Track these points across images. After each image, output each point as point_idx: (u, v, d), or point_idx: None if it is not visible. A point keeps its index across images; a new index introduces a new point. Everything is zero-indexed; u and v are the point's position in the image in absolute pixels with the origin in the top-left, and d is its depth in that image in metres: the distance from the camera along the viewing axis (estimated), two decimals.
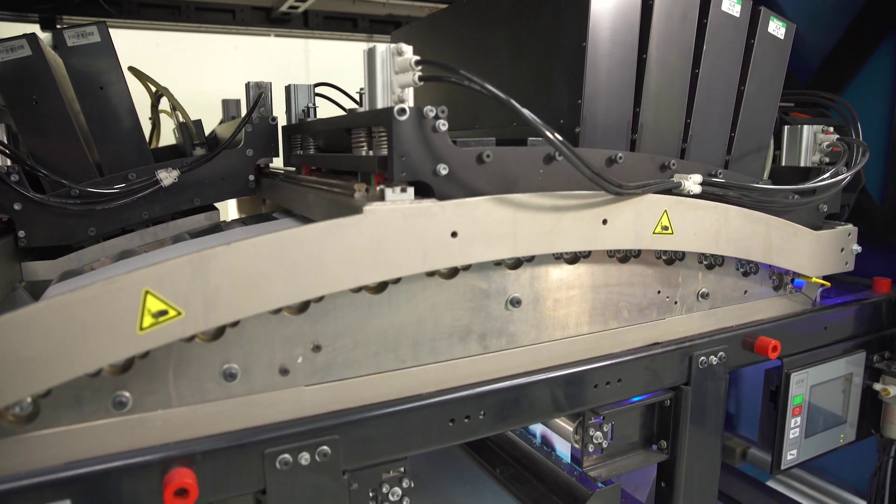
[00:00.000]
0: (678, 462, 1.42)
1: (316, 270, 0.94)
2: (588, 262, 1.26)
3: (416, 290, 1.10)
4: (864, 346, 1.72)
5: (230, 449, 0.96)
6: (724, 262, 1.45)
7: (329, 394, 1.06)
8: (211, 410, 0.99)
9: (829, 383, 1.67)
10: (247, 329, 0.99)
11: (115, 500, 0.90)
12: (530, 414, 1.20)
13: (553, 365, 1.24)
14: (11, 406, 0.88)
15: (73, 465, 0.88)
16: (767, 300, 1.56)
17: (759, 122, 1.49)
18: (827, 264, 1.55)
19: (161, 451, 0.92)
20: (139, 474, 0.91)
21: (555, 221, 1.12)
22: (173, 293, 0.87)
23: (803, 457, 1.67)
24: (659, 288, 1.36)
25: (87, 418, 0.92)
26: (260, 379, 1.01)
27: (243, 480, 0.97)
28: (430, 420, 1.11)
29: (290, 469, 0.99)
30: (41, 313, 0.81)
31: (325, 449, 1.01)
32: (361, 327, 1.07)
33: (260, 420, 1.02)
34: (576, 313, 1.27)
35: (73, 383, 0.91)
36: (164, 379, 0.95)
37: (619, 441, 1.40)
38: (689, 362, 1.38)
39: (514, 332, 1.20)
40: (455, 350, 1.16)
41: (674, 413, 1.41)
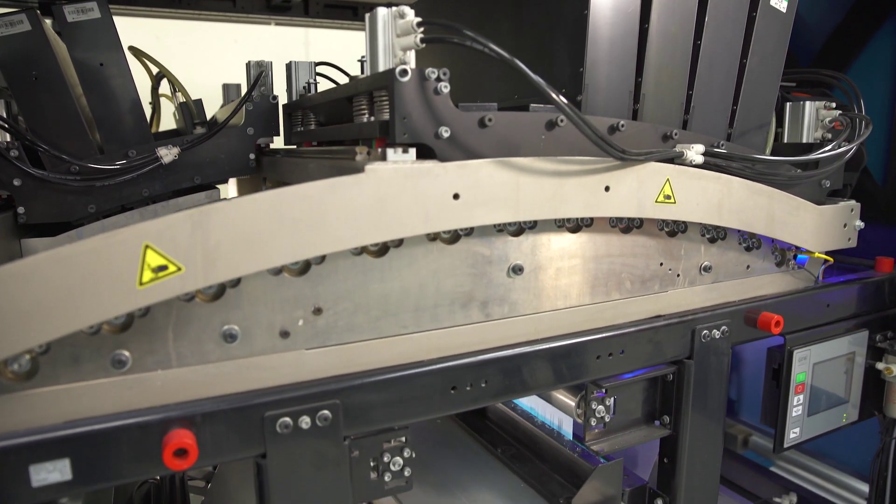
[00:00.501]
0: (681, 437, 1.41)
1: (317, 228, 0.94)
2: (590, 232, 1.25)
3: (418, 255, 1.09)
4: (867, 326, 1.72)
5: (230, 411, 0.95)
6: (727, 235, 1.44)
7: (330, 358, 1.05)
8: (211, 372, 0.98)
9: (831, 362, 1.66)
10: (247, 290, 0.99)
11: (115, 459, 0.89)
12: (532, 384, 1.19)
13: (555, 335, 1.23)
14: (10, 362, 0.87)
15: (73, 424, 0.88)
16: (770, 276, 1.55)
17: (761, 96, 1.48)
18: (829, 239, 1.55)
19: (160, 412, 0.91)
20: (138, 434, 0.90)
21: (557, 186, 1.12)
22: (173, 248, 0.86)
23: (806, 435, 1.66)
24: (661, 260, 1.36)
25: (86, 377, 0.91)
26: (260, 341, 1.01)
27: (243, 443, 0.96)
28: (432, 387, 1.10)
29: (290, 433, 0.98)
30: (40, 265, 0.81)
31: (326, 413, 1.01)
32: (363, 291, 1.06)
33: (260, 383, 1.01)
34: (578, 283, 1.26)
35: (72, 341, 0.90)
36: (163, 339, 0.95)
37: (622, 416, 1.39)
38: (692, 336, 1.37)
39: (516, 300, 1.19)
40: (457, 317, 1.15)
41: (676, 387, 1.40)
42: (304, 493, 1.02)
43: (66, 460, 0.87)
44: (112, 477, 0.90)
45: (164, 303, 0.94)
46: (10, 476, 0.84)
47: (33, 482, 0.85)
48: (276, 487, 0.99)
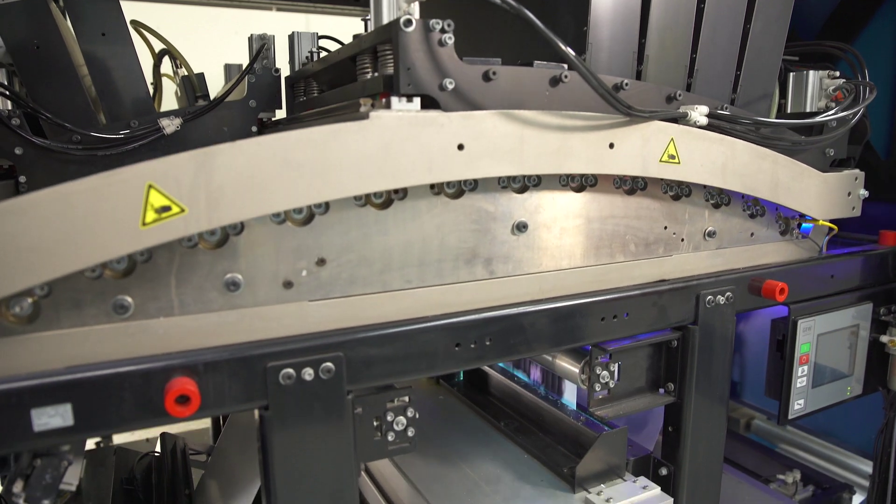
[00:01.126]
0: (685, 405, 1.41)
1: (321, 174, 0.93)
2: (594, 192, 1.25)
3: (422, 209, 1.09)
4: (871, 298, 1.71)
5: (232, 361, 0.94)
6: (731, 202, 1.44)
7: (333, 310, 1.05)
8: (214, 321, 0.98)
9: (836, 333, 1.65)
10: (250, 238, 0.98)
11: (116, 406, 0.88)
12: (537, 344, 1.19)
13: (560, 295, 1.22)
14: (12, 305, 0.86)
15: (75, 369, 0.87)
16: (774, 244, 1.54)
17: (764, 63, 1.48)
18: (834, 207, 1.54)
19: (162, 360, 0.90)
20: (140, 382, 0.89)
21: (562, 141, 1.11)
22: (177, 189, 0.86)
23: (810, 407, 1.65)
24: (665, 223, 1.35)
25: (88, 322, 0.91)
26: (263, 291, 1.00)
27: (246, 393, 0.95)
28: (436, 343, 1.09)
29: (292, 384, 0.97)
30: (41, 202, 0.80)
31: (329, 366, 1.00)
32: (367, 243, 1.05)
33: (263, 333, 1.00)
34: (582, 243, 1.25)
35: (73, 285, 0.89)
36: (166, 285, 0.94)
37: (626, 382, 1.38)
38: (697, 301, 1.36)
39: (520, 258, 1.19)
40: (461, 273, 1.14)
41: (681, 354, 1.39)
42: (307, 447, 1.01)
43: (67, 405, 0.86)
44: (114, 424, 0.89)
45: (166, 249, 0.93)
46: (12, 420, 0.83)
47: (35, 426, 0.84)
48: (278, 440, 0.98)
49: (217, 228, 0.95)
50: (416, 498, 1.46)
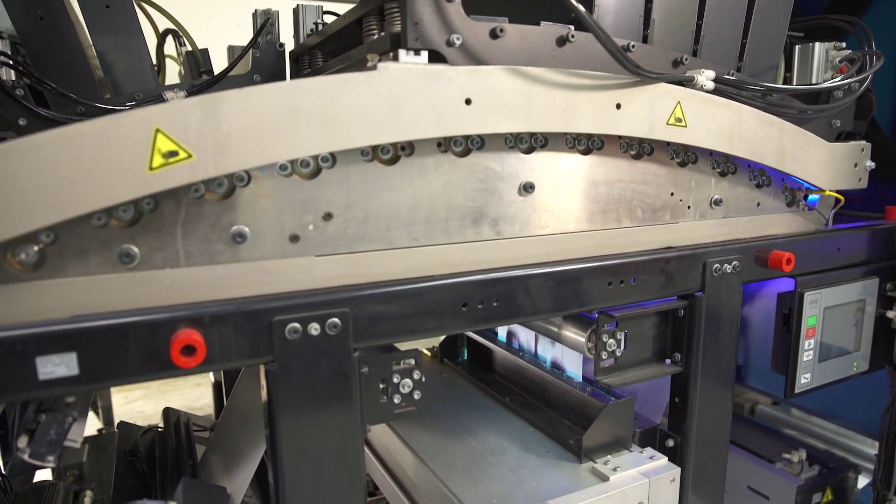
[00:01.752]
0: (692, 375, 1.40)
1: (328, 124, 0.93)
2: (601, 155, 1.24)
3: (429, 166, 1.08)
4: (878, 273, 1.70)
5: (238, 314, 0.93)
6: (737, 170, 1.43)
7: (340, 265, 1.04)
8: (220, 274, 0.97)
9: (842, 307, 1.64)
10: (257, 190, 0.97)
11: (121, 357, 0.87)
12: (543, 306, 1.18)
13: (567, 259, 1.21)
14: (17, 252, 0.86)
15: (80, 318, 0.86)
16: (780, 215, 1.54)
17: (770, 32, 1.47)
18: (840, 177, 1.54)
19: (168, 312, 0.90)
20: (146, 332, 0.88)
21: (569, 99, 1.11)
22: (184, 134, 0.85)
23: (817, 382, 1.64)
24: (672, 190, 1.35)
25: (94, 271, 0.90)
26: (270, 244, 0.99)
27: (251, 348, 0.94)
28: (443, 302, 1.08)
29: (298, 339, 0.97)
30: (47, 143, 0.79)
31: (336, 321, 0.99)
32: (373, 199, 1.05)
33: (269, 288, 1.00)
34: (589, 207, 1.25)
35: (79, 233, 0.89)
36: (172, 235, 0.93)
37: (633, 351, 1.38)
38: (703, 269, 1.35)
39: (527, 219, 1.18)
40: (468, 233, 1.14)
41: (687, 323, 1.38)
42: (313, 405, 1.00)
43: (72, 354, 0.85)
44: (119, 375, 0.88)
45: (173, 199, 0.93)
46: (18, 367, 0.82)
47: (40, 375, 0.83)
48: (284, 397, 0.97)
49: (224, 179, 0.94)
50: (420, 468, 1.45)
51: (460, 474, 1.37)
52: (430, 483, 1.41)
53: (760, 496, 1.95)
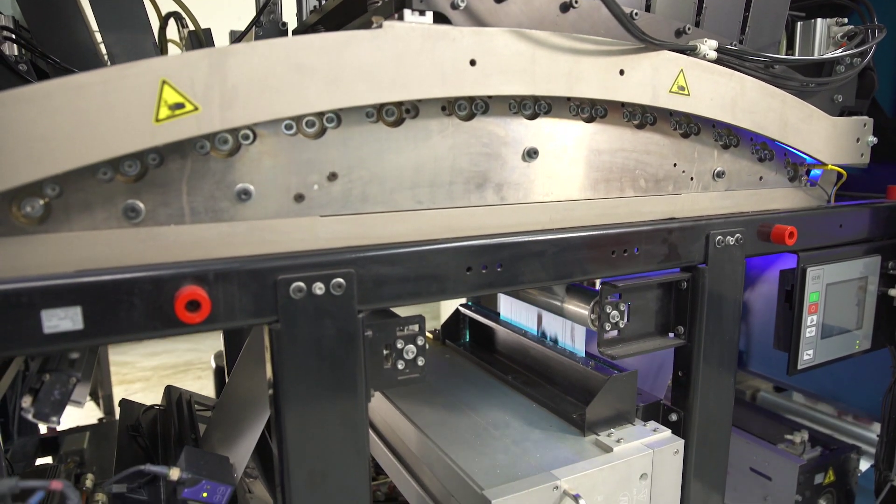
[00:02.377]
0: (695, 348, 1.40)
1: (333, 81, 0.93)
2: (604, 123, 1.25)
3: (433, 129, 1.08)
4: (880, 252, 1.70)
5: (243, 273, 0.93)
6: (740, 143, 1.44)
7: (344, 226, 1.04)
8: (224, 231, 0.97)
9: (844, 284, 1.64)
10: (263, 149, 0.97)
11: (126, 312, 0.87)
12: (547, 273, 1.18)
13: (570, 226, 1.22)
14: (23, 205, 0.86)
15: (85, 273, 0.86)
16: (783, 190, 1.54)
17: (772, 6, 1.48)
18: (842, 152, 1.54)
19: (173, 268, 0.90)
20: (150, 288, 0.88)
21: (572, 63, 1.11)
22: (190, 87, 0.85)
23: (819, 359, 1.64)
24: (675, 161, 1.35)
25: (99, 226, 0.90)
26: (275, 203, 0.99)
27: (256, 307, 0.94)
28: (447, 265, 1.08)
29: (303, 299, 0.96)
30: (53, 91, 0.79)
31: (340, 281, 0.99)
32: (378, 161, 1.05)
33: (274, 247, 1.00)
34: (592, 175, 1.25)
35: (84, 187, 0.89)
36: (177, 191, 0.93)
37: (636, 324, 1.38)
38: (706, 241, 1.35)
39: (531, 185, 1.18)
40: (472, 197, 1.14)
41: (690, 295, 1.38)
42: (318, 366, 0.99)
43: (77, 308, 0.84)
44: (123, 330, 0.88)
45: (178, 154, 0.93)
46: (23, 320, 0.82)
47: (45, 328, 0.83)
48: (288, 357, 0.97)
49: (229, 137, 0.95)
50: (423, 442, 1.45)
51: (463, 447, 1.37)
52: (432, 456, 1.40)
53: (763, 477, 1.94)
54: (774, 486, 1.91)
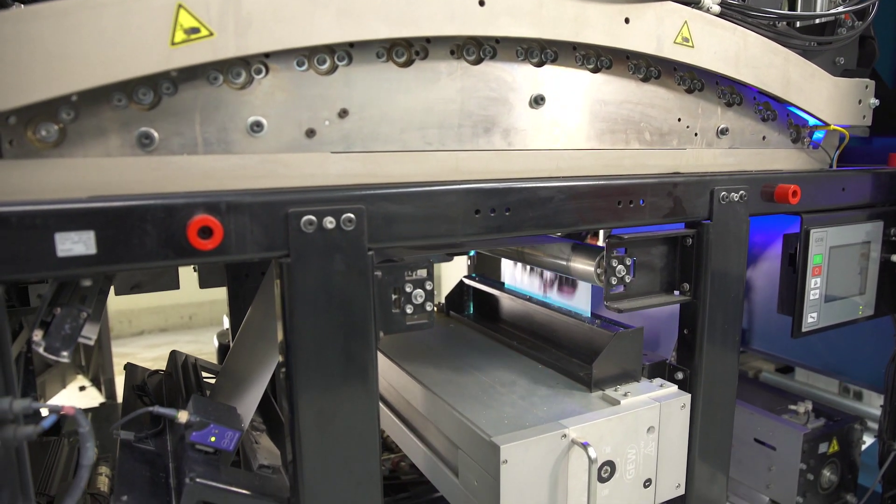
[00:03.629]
0: (700, 304, 1.40)
1: (345, 13, 0.94)
2: (609, 74, 1.26)
3: (442, 71, 1.10)
4: (882, 217, 1.72)
5: (255, 204, 0.94)
6: (743, 102, 1.45)
7: (355, 164, 1.05)
8: (236, 163, 0.98)
9: (848, 248, 1.65)
10: (275, 83, 0.98)
11: (139, 237, 0.88)
12: (554, 220, 1.18)
13: (578, 175, 1.23)
14: (38, 129, 0.87)
15: (98, 198, 0.87)
16: (785, 151, 1.55)
17: None
18: (844, 112, 1.55)
19: (186, 197, 0.90)
20: (163, 215, 0.88)
21: (579, 9, 1.13)
22: (206, 12, 0.87)
23: (823, 322, 1.65)
24: (679, 115, 1.36)
25: (113, 152, 0.91)
26: (286, 137, 1.00)
27: (267, 239, 0.95)
28: (456, 206, 1.09)
29: (313, 233, 0.97)
30: (70, 10, 0.81)
31: (351, 216, 0.99)
32: (388, 100, 1.06)
33: (285, 181, 1.01)
34: (598, 126, 1.26)
35: (99, 113, 0.90)
36: (190, 121, 0.94)
37: (642, 280, 1.38)
38: (711, 197, 1.36)
39: (537, 132, 1.19)
40: (480, 141, 1.15)
41: (696, 252, 1.39)
42: (327, 302, 1.00)
43: (90, 233, 0.85)
44: (135, 257, 0.88)
45: (191, 84, 0.94)
46: (37, 242, 0.82)
47: (58, 251, 0.84)
48: (298, 292, 0.97)
49: (241, 70, 0.96)
50: (430, 399, 1.45)
51: (470, 402, 1.37)
52: (439, 411, 1.40)
53: (767, 447, 1.94)
54: (779, 455, 1.91)
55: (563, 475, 1.24)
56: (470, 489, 1.30)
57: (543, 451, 1.21)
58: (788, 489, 1.89)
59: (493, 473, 1.19)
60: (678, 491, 1.42)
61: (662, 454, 1.37)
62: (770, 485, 1.94)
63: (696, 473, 1.43)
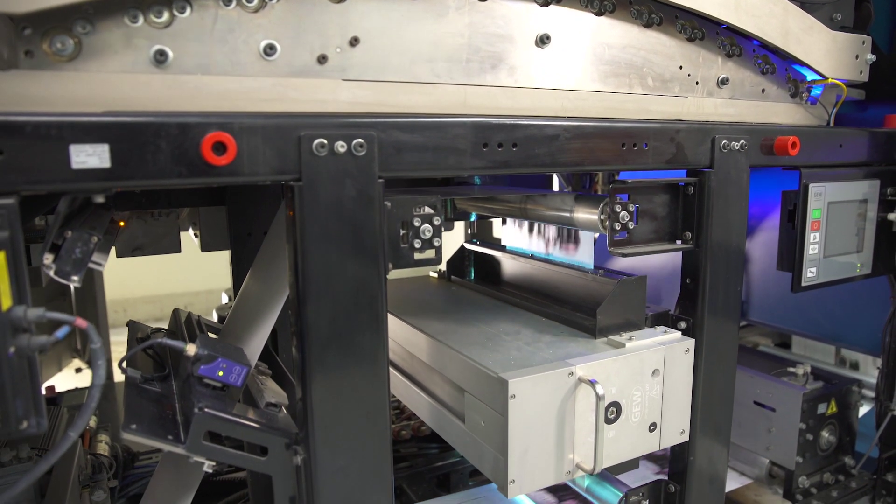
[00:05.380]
0: (702, 253, 1.42)
1: None
2: (613, 18, 1.28)
3: (451, 5, 1.11)
4: (879, 176, 1.74)
5: (268, 127, 0.95)
6: (742, 53, 1.47)
7: (366, 91, 1.06)
8: (250, 86, 0.99)
9: (845, 205, 1.68)
10: (288, 7, 0.99)
11: (152, 153, 0.88)
12: (560, 158, 1.20)
13: (583, 115, 1.24)
14: (53, 42, 0.87)
15: (113, 113, 0.87)
16: (784, 105, 1.58)
17: None
18: (842, 67, 1.58)
19: (200, 116, 0.91)
20: (178, 132, 0.89)
21: None
22: None
23: (822, 278, 1.67)
24: (681, 63, 1.38)
25: (128, 69, 0.92)
26: (298, 62, 1.01)
27: (279, 161, 0.95)
28: (465, 139, 1.10)
29: (325, 157, 0.98)
30: None
31: (361, 142, 1.00)
32: (398, 31, 1.07)
33: (297, 106, 1.02)
34: (602, 69, 1.28)
35: (115, 28, 0.90)
36: (204, 41, 0.95)
37: (645, 226, 1.40)
38: (712, 145, 1.38)
39: (543, 71, 1.21)
40: (487, 77, 1.16)
41: (697, 200, 1.41)
42: (338, 228, 1.01)
43: (105, 146, 0.86)
44: (149, 174, 0.89)
45: (203, 7, 0.94)
46: (52, 153, 0.83)
47: (73, 163, 0.84)
48: (309, 215, 0.98)
49: None
50: (435, 346, 1.46)
51: (476, 348, 1.38)
52: (444, 357, 1.41)
53: (767, 409, 1.96)
54: (778, 416, 1.93)
55: (570, 414, 1.25)
56: (477, 431, 1.30)
57: (551, 387, 1.22)
58: (788, 450, 1.90)
59: (502, 410, 1.19)
60: (682, 437, 1.43)
61: (667, 399, 1.38)
62: (770, 447, 1.96)
63: (700, 420, 1.44)
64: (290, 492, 1.16)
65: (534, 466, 1.23)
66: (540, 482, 1.25)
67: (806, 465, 1.91)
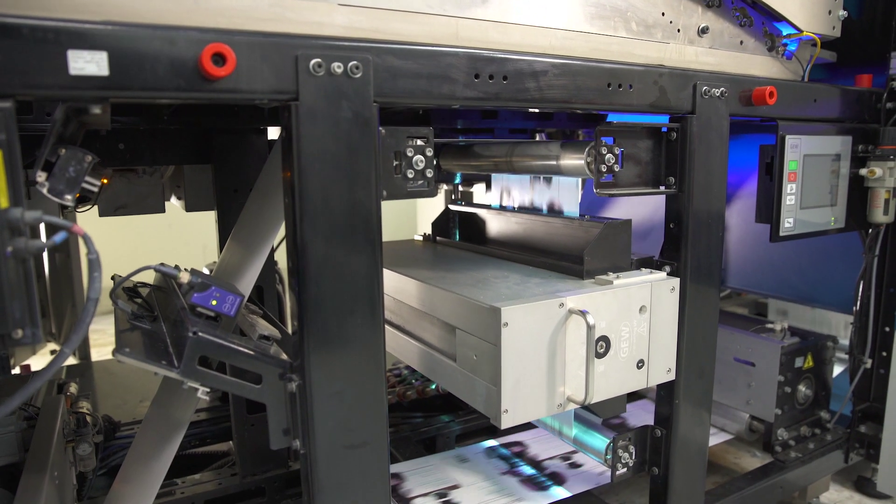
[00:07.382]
0: (685, 196, 1.46)
1: None
2: None
3: None
4: (851, 133, 1.81)
5: (266, 45, 0.95)
6: (721, 4, 1.52)
7: (361, 17, 1.08)
8: (247, 4, 1.00)
9: (820, 158, 1.73)
10: None
11: (151, 64, 0.88)
12: (548, 95, 1.23)
13: (569, 55, 1.27)
14: None
15: (112, 22, 0.87)
16: (761, 58, 1.63)
17: None
18: (815, 20, 1.64)
19: (199, 31, 0.91)
20: (178, 42, 0.90)
21: None
22: None
23: (799, 229, 1.72)
24: (663, 10, 1.42)
25: None
26: None
27: (276, 79, 0.96)
28: (457, 68, 1.12)
29: (322, 77, 0.99)
30: None
31: (357, 64, 1.02)
32: None
33: (293, 27, 1.03)
34: (588, 9, 1.31)
35: None
36: None
37: (630, 170, 1.43)
38: (694, 90, 1.42)
39: (531, 7, 1.24)
40: (478, 11, 1.19)
41: (680, 145, 1.45)
42: (334, 149, 1.02)
43: (103, 53, 0.86)
44: (148, 85, 0.89)
45: None
46: (50, 57, 0.83)
47: (71, 69, 0.84)
48: (305, 135, 0.99)
49: None
50: (426, 289, 1.47)
51: (467, 288, 1.39)
52: (436, 298, 1.42)
53: (747, 364, 2.01)
54: (758, 371, 1.98)
55: (560, 346, 1.28)
56: (469, 367, 1.32)
57: (542, 317, 1.24)
58: (767, 403, 1.95)
59: (495, 339, 1.21)
60: (669, 375, 1.47)
61: (654, 336, 1.41)
62: (750, 401, 2.01)
63: (686, 360, 1.48)
64: (284, 423, 1.16)
65: (526, 397, 1.25)
66: (532, 413, 1.27)
67: (784, 418, 1.96)
